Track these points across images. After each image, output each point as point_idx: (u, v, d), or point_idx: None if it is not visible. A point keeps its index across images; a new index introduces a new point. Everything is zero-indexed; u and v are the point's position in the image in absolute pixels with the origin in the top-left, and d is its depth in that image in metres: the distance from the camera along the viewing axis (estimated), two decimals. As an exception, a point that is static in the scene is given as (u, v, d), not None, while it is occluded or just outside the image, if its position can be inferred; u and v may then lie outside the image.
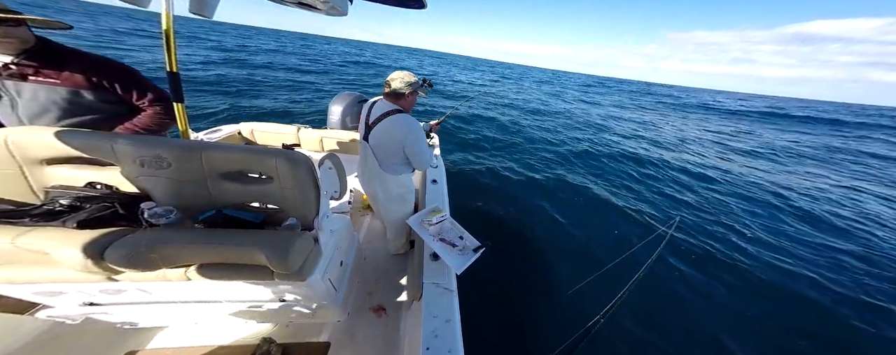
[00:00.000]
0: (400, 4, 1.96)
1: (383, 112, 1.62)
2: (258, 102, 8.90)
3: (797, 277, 3.63)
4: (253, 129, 2.82)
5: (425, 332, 1.17)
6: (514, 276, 3.09)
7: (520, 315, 2.66)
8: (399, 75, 1.63)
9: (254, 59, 18.85)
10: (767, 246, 4.28)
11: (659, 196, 5.56)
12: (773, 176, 7.73)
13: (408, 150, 1.67)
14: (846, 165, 10.30)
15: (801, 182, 7.52)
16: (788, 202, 5.90)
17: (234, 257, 1.05)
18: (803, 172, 8.58)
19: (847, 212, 5.73)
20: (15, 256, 0.96)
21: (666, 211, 5.02)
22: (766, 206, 5.66)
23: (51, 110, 1.28)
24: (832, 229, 5.05)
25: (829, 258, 4.14)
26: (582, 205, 4.90)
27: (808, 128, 19.84)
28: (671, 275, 3.41)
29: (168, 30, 1.32)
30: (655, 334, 2.61)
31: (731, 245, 4.16)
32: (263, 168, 1.13)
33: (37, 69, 1.22)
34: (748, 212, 5.31)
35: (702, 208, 5.21)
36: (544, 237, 3.89)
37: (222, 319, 1.51)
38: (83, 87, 1.29)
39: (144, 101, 1.46)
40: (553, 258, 3.49)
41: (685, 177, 6.90)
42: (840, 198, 6.48)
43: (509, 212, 4.37)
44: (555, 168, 6.45)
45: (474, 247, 1.53)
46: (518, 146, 7.82)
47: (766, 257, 3.95)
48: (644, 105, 19.72)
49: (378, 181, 1.80)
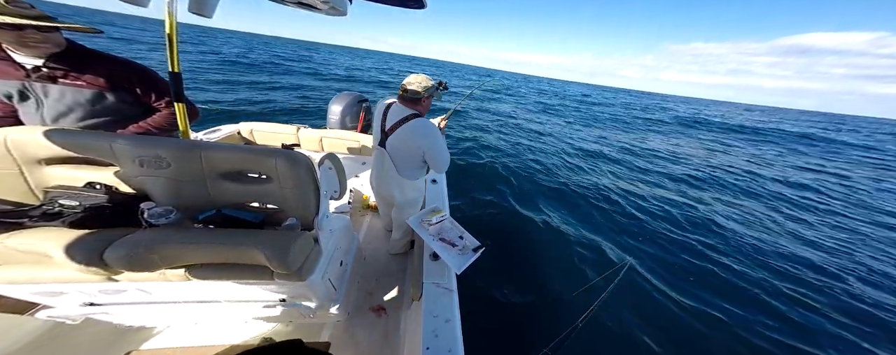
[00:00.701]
0: (400, 4, 1.95)
1: (401, 117, 1.59)
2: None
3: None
4: (252, 129, 2.81)
5: (425, 332, 1.17)
6: (514, 275, 3.09)
7: (520, 315, 2.66)
8: (416, 79, 1.59)
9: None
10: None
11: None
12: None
13: (428, 155, 1.66)
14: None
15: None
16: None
17: (234, 257, 1.05)
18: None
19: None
20: (14, 256, 0.96)
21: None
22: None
23: (75, 111, 1.31)
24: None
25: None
26: (585, 206, 4.91)
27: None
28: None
29: (170, 30, 1.32)
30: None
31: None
32: (263, 168, 1.12)
33: (66, 72, 1.25)
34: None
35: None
36: (544, 238, 3.89)
37: (222, 319, 1.51)
38: (106, 88, 1.33)
39: (162, 102, 1.49)
40: (553, 258, 3.50)
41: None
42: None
43: (509, 211, 4.38)
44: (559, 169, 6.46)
45: (474, 246, 1.53)
46: (518, 147, 7.83)
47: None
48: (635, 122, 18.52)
49: (396, 186, 1.80)
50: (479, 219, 4.06)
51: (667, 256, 3.81)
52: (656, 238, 4.21)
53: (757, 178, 8.07)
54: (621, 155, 8.76)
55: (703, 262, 3.73)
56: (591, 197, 5.27)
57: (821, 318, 3.07)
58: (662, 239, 4.20)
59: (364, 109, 3.29)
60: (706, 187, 6.81)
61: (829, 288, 3.55)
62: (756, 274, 3.63)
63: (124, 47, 17.97)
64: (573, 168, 6.91)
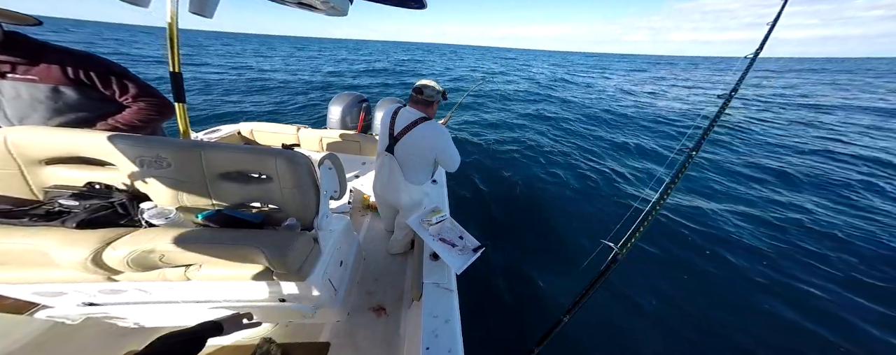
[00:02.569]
0: (400, 4, 1.96)
1: (411, 121, 1.60)
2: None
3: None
4: (252, 129, 2.82)
5: (425, 332, 1.17)
6: (513, 275, 3.09)
7: (520, 314, 2.67)
8: (430, 83, 1.64)
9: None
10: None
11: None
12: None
13: (442, 157, 1.68)
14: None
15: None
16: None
17: (234, 257, 1.05)
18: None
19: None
20: (15, 256, 0.96)
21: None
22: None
23: (37, 109, 1.24)
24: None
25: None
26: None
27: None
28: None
29: (171, 30, 1.33)
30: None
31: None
32: (263, 168, 1.13)
33: (13, 66, 1.17)
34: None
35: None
36: (546, 231, 3.89)
37: None
38: (62, 82, 1.24)
39: (127, 97, 1.38)
40: (553, 257, 3.50)
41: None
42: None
43: (508, 211, 4.38)
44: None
45: (474, 246, 1.53)
46: (521, 136, 7.81)
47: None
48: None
49: (404, 190, 1.81)
50: (479, 219, 4.07)
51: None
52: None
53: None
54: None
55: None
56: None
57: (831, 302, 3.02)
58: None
59: (364, 109, 3.29)
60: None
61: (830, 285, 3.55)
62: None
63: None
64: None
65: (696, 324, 2.72)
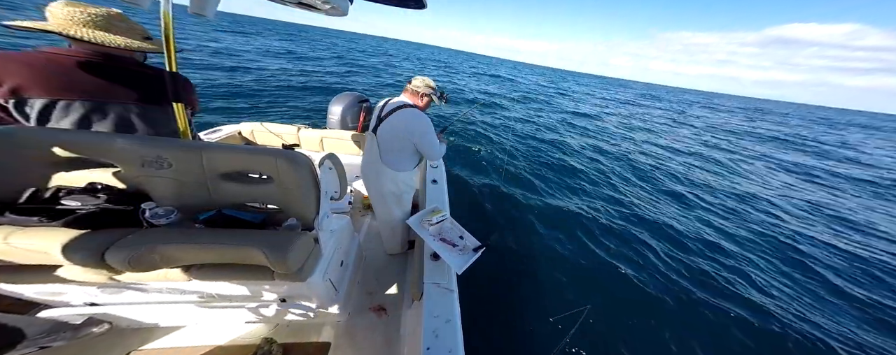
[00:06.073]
0: (400, 4, 1.96)
1: (398, 105, 1.71)
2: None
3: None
4: (253, 129, 2.82)
5: (426, 332, 1.17)
6: (514, 274, 3.09)
7: (520, 314, 2.66)
8: (421, 78, 1.79)
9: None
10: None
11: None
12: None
13: (417, 141, 1.73)
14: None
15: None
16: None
17: (235, 257, 1.05)
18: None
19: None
20: (15, 256, 0.96)
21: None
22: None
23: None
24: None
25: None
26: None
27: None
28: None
29: (167, 30, 1.32)
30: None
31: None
32: (264, 168, 1.13)
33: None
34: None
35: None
36: (543, 238, 3.89)
37: (222, 319, 1.51)
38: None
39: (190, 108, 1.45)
40: (552, 257, 3.50)
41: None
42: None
43: (508, 210, 4.38)
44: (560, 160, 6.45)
45: (474, 246, 1.53)
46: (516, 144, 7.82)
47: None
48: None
49: (383, 173, 1.84)
50: (479, 218, 4.07)
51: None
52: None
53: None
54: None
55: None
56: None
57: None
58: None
59: (364, 109, 3.29)
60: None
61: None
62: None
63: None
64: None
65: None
